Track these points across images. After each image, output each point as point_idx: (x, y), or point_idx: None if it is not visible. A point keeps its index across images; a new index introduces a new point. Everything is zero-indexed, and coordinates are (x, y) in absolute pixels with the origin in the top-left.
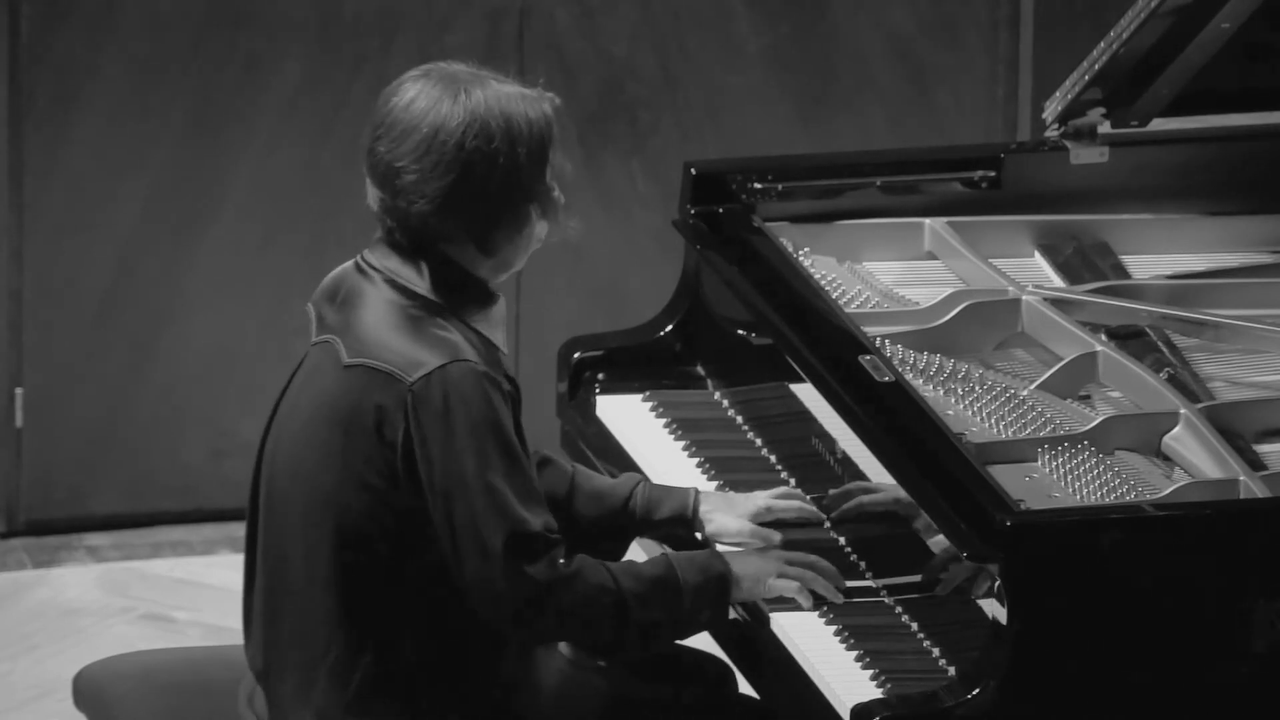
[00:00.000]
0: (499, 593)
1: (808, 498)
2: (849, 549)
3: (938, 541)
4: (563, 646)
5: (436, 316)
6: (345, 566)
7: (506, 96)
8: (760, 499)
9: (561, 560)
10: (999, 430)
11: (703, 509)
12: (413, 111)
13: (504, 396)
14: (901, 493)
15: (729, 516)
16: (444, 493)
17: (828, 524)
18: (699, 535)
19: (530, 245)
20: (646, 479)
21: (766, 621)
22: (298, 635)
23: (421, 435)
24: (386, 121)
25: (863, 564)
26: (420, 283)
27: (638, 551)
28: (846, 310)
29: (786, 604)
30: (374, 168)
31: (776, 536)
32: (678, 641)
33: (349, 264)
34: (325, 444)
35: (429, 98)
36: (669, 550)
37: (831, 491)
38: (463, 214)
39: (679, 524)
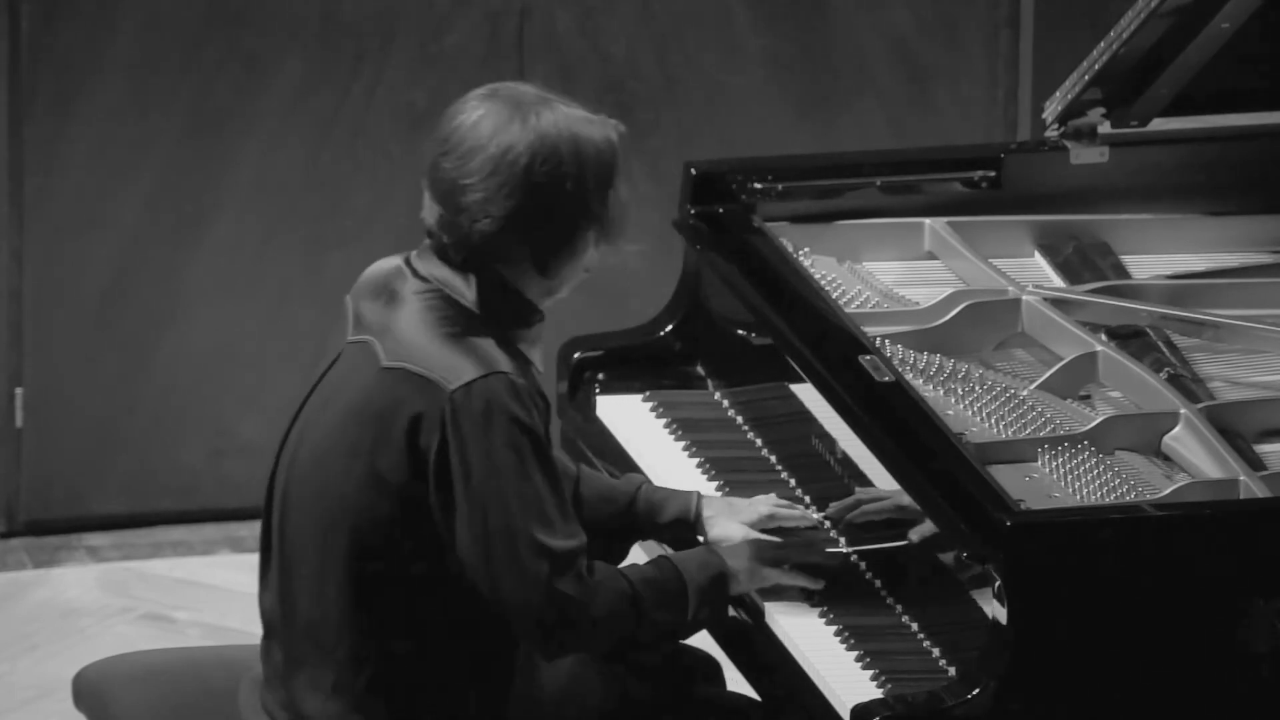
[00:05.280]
0: (536, 610)
1: (810, 508)
2: (857, 559)
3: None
4: None
5: (478, 330)
6: (358, 565)
7: (574, 120)
8: (762, 506)
9: (585, 569)
10: (999, 430)
11: (705, 514)
12: (480, 130)
13: (541, 412)
14: (905, 500)
15: (732, 522)
16: (481, 503)
17: (831, 532)
18: (701, 539)
19: (581, 271)
20: (648, 481)
21: (762, 613)
22: (310, 628)
23: (460, 444)
24: (453, 139)
25: (863, 565)
26: (467, 295)
27: (638, 553)
28: (846, 310)
29: (780, 595)
30: (436, 184)
31: (779, 544)
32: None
33: (395, 262)
34: (354, 444)
35: (497, 117)
36: (669, 551)
37: (834, 505)
38: (525, 235)
39: (682, 528)
